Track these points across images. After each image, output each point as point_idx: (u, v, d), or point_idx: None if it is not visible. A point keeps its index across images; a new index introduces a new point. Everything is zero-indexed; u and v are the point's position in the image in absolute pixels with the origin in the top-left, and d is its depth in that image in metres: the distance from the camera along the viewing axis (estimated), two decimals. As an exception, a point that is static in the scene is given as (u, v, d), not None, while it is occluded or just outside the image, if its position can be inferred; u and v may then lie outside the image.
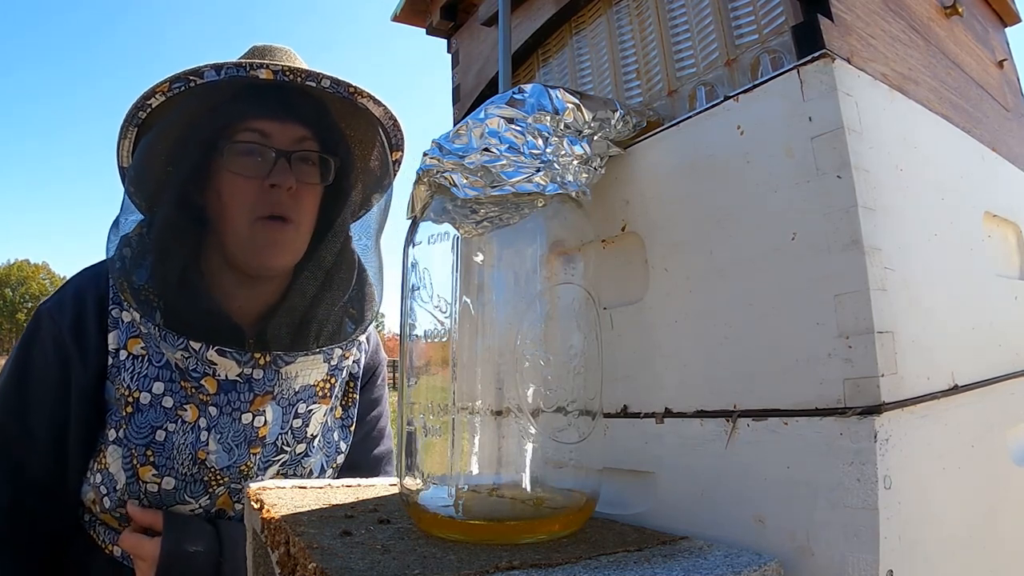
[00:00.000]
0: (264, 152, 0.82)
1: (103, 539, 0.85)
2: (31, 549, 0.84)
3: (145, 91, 0.78)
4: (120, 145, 0.84)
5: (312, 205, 0.87)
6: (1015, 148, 0.77)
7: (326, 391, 0.91)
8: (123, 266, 0.81)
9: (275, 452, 0.87)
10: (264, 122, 0.82)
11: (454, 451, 0.48)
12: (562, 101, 0.52)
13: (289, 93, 0.83)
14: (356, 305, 0.93)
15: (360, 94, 0.85)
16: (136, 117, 0.81)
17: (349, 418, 0.97)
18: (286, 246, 0.84)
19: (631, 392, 0.57)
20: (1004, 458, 0.55)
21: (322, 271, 0.90)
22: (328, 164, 0.87)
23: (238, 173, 0.81)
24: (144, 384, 0.81)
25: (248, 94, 0.82)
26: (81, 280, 0.87)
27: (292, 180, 0.81)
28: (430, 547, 0.44)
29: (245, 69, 0.78)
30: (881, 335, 0.42)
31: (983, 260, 0.60)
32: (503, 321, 0.49)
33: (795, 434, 0.44)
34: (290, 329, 0.86)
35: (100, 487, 0.81)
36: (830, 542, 0.42)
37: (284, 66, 0.79)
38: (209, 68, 0.77)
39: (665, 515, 0.52)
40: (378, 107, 0.87)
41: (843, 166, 0.44)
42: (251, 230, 0.82)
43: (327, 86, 0.82)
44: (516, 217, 0.49)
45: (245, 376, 0.83)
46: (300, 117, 0.84)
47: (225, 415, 0.83)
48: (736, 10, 0.61)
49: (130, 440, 0.80)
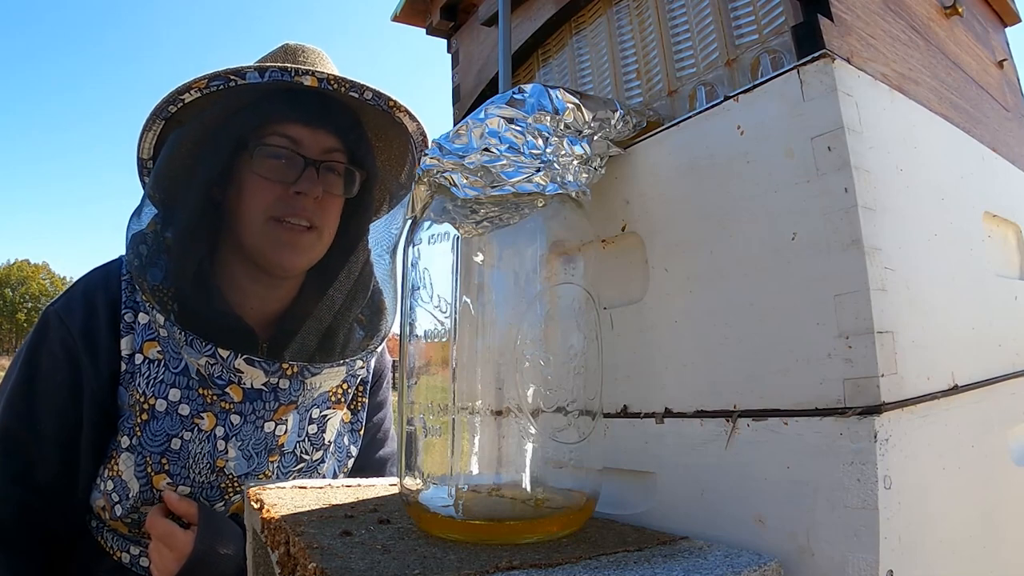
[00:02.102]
0: (293, 159, 0.81)
1: (111, 545, 0.84)
2: (37, 552, 0.83)
3: (180, 85, 0.78)
4: (143, 136, 0.83)
5: (335, 214, 0.87)
6: (1015, 148, 0.77)
7: (339, 396, 0.92)
8: (140, 264, 0.80)
9: (295, 462, 0.87)
10: (297, 128, 0.82)
11: (454, 451, 0.48)
12: (562, 101, 0.52)
13: (329, 101, 0.83)
14: (372, 314, 0.94)
15: (399, 108, 0.85)
16: (166, 111, 0.80)
17: (359, 422, 0.97)
18: (305, 249, 0.84)
19: (631, 392, 0.57)
20: (1004, 458, 0.55)
21: (345, 280, 0.90)
22: (353, 177, 0.87)
23: (264, 176, 0.81)
24: (160, 391, 0.80)
25: (283, 98, 0.82)
26: (90, 281, 0.85)
27: (319, 190, 0.82)
28: (430, 547, 0.44)
29: (290, 74, 0.77)
30: (881, 335, 0.42)
31: (983, 260, 0.60)
32: (503, 321, 0.49)
33: (795, 434, 0.44)
34: (317, 340, 0.86)
35: (112, 494, 0.80)
36: (830, 542, 0.42)
37: (329, 75, 0.79)
38: (252, 69, 0.77)
39: (665, 515, 0.52)
40: (412, 122, 0.88)
41: (843, 166, 0.44)
42: (266, 229, 0.81)
43: (369, 98, 0.83)
44: (516, 217, 0.49)
45: (271, 386, 0.82)
46: (333, 126, 0.84)
47: (248, 423, 0.83)
48: (736, 10, 0.61)
49: (144, 448, 0.79)
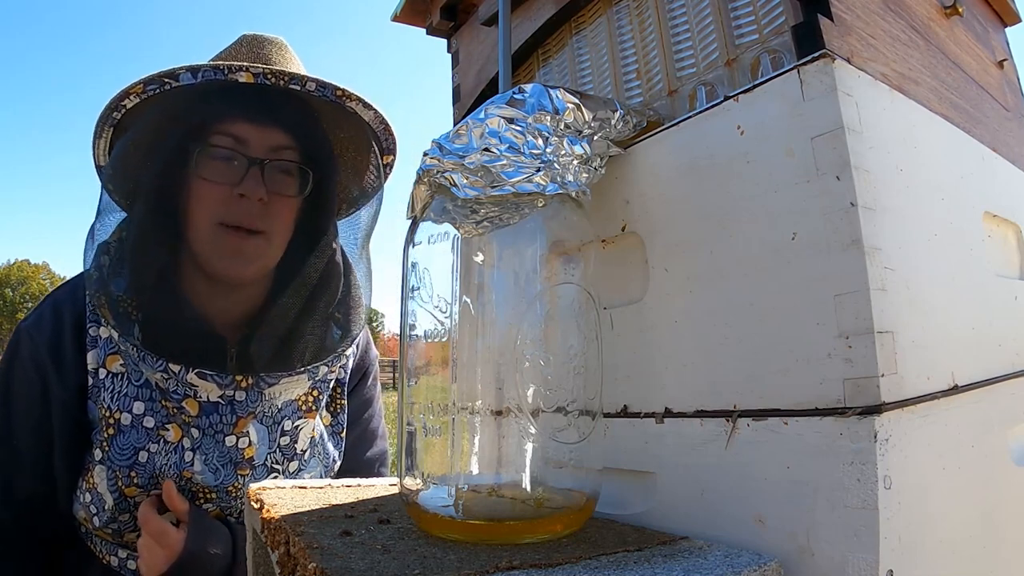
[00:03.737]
0: (236, 159, 0.78)
1: (100, 550, 0.84)
2: (25, 563, 0.83)
3: (119, 92, 0.76)
4: (96, 144, 0.82)
5: (287, 215, 0.83)
6: (1015, 148, 0.77)
7: (310, 404, 0.88)
8: (100, 276, 0.79)
9: (266, 473, 0.85)
10: (242, 126, 0.78)
11: (454, 451, 0.48)
12: (562, 101, 0.52)
13: (271, 96, 0.79)
14: (342, 315, 0.90)
15: (349, 97, 0.81)
16: (111, 118, 0.78)
17: (339, 424, 0.95)
18: (252, 257, 0.81)
19: (631, 392, 0.57)
20: (1004, 458, 0.55)
21: (304, 283, 0.85)
22: (307, 175, 0.83)
23: (207, 179, 0.78)
24: (124, 404, 0.79)
25: (224, 96, 0.78)
26: (58, 296, 0.85)
27: (263, 191, 0.78)
28: (430, 547, 0.44)
29: (223, 72, 0.74)
30: (881, 335, 0.42)
31: (983, 260, 0.60)
32: (503, 321, 0.49)
33: (795, 434, 0.44)
34: (272, 349, 0.82)
35: (90, 506, 0.80)
36: (830, 542, 0.42)
37: (266, 68, 0.75)
38: (185, 70, 0.74)
39: (665, 515, 0.52)
40: (368, 111, 0.83)
41: (843, 166, 0.44)
42: (214, 236, 0.79)
43: (312, 89, 0.78)
44: (516, 217, 0.49)
45: (227, 398, 0.80)
46: (281, 122, 0.80)
47: (208, 436, 0.81)
48: (736, 10, 0.61)
49: (113, 462, 0.78)
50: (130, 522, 0.81)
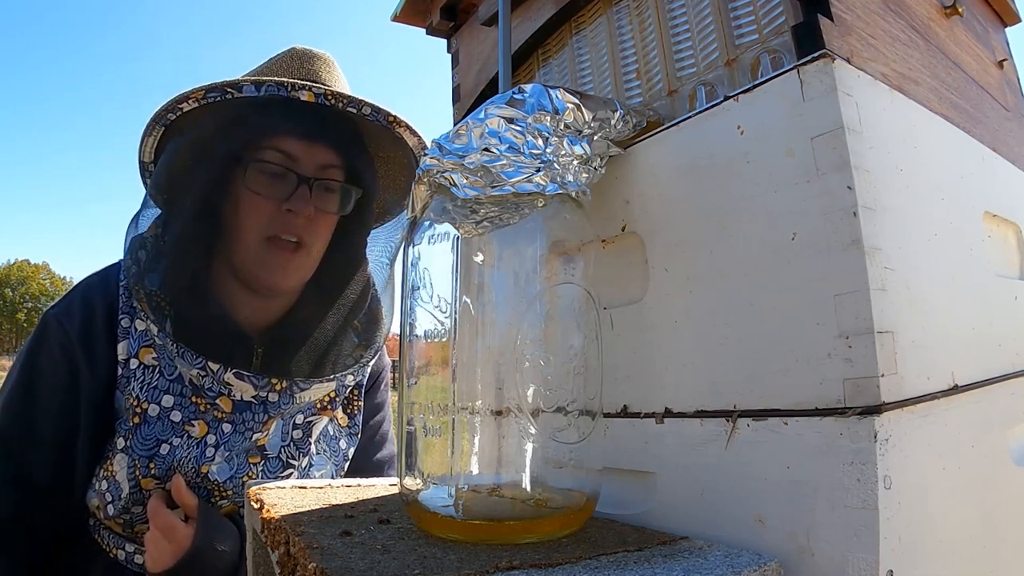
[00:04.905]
0: (286, 176, 0.81)
1: (107, 543, 0.85)
2: (33, 553, 0.84)
3: (178, 95, 0.78)
4: (144, 141, 0.83)
5: (327, 230, 0.87)
6: (1015, 148, 0.77)
7: (325, 403, 0.91)
8: (138, 270, 0.81)
9: (281, 467, 0.87)
10: (293, 142, 0.81)
11: (454, 451, 0.48)
12: (562, 101, 0.52)
13: (326, 115, 0.82)
14: (366, 326, 0.94)
15: (399, 124, 0.85)
16: (165, 118, 0.80)
17: (355, 425, 0.97)
18: (294, 269, 0.84)
19: (631, 392, 0.57)
20: (1004, 458, 0.55)
21: (337, 295, 0.90)
22: (349, 194, 0.86)
23: (257, 192, 0.80)
24: (153, 396, 0.81)
25: (280, 111, 0.81)
26: (89, 285, 0.86)
27: (311, 209, 0.81)
28: (430, 547, 0.44)
29: (287, 88, 0.77)
30: (881, 335, 0.42)
31: (983, 260, 0.60)
32: (503, 321, 0.49)
33: (795, 434, 0.44)
34: (309, 356, 0.86)
35: (105, 494, 0.81)
36: (830, 542, 0.42)
37: (327, 90, 0.78)
38: (249, 83, 0.77)
39: (665, 515, 0.52)
40: (413, 137, 0.87)
41: (843, 166, 0.44)
42: (261, 249, 0.82)
43: (367, 114, 0.82)
44: (516, 217, 0.49)
45: (260, 399, 0.83)
46: (330, 141, 0.83)
47: (238, 433, 0.83)
48: (736, 10, 0.61)
49: (134, 451, 0.80)
50: (142, 514, 0.81)
